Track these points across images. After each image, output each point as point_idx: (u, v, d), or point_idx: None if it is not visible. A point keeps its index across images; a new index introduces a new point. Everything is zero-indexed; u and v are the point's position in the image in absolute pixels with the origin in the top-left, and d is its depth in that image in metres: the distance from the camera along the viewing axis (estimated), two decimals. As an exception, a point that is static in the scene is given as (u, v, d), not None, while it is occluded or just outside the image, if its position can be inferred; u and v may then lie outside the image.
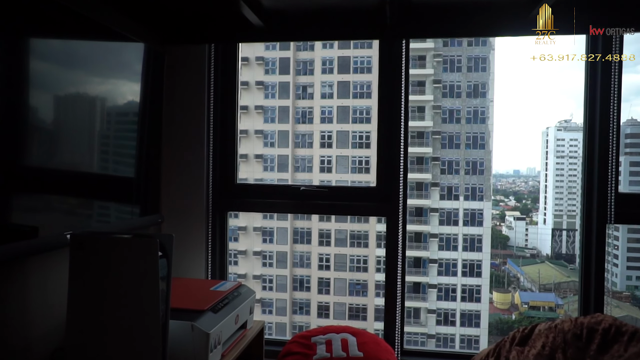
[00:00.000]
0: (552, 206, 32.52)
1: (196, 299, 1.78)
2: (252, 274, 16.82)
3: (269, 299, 16.45)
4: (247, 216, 17.39)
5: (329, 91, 15.38)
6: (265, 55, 17.13)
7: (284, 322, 16.07)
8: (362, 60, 15.30)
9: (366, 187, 2.30)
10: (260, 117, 16.01)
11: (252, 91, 15.07)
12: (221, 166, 2.45)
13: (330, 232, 17.99)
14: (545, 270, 32.90)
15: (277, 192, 2.39)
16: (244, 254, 16.37)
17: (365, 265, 18.33)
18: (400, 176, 2.25)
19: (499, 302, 31.60)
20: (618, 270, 24.32)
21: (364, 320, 17.95)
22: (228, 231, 2.53)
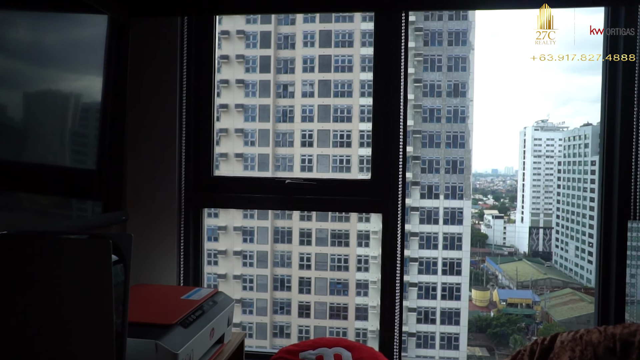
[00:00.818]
0: (529, 205, 33.10)
1: (163, 311, 1.53)
2: (233, 274, 16.68)
3: (250, 299, 16.34)
4: (227, 215, 17.27)
5: (310, 90, 15.33)
6: (246, 29, 16.96)
7: (265, 322, 15.99)
8: (344, 59, 15.31)
9: (360, 180, 2.09)
10: (241, 116, 15.90)
11: (233, 65, 14.91)
12: (196, 157, 2.20)
13: (311, 231, 17.96)
14: (523, 267, 33.42)
15: (259, 186, 2.18)
16: (224, 254, 16.23)
17: (346, 264, 18.36)
18: (399, 167, 2.04)
19: (477, 300, 32.03)
20: (592, 267, 25.00)
21: (345, 319, 18.01)
22: (204, 230, 2.28)
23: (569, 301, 32.37)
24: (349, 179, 2.02)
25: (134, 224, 2.10)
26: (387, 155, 2.05)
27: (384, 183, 2.06)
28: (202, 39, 2.15)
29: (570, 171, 33.27)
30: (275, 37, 16.30)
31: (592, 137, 30.65)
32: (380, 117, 2.10)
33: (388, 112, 2.08)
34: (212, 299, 1.71)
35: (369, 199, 2.07)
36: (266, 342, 16.53)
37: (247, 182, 2.19)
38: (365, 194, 2.07)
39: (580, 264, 33.25)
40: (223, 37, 15.03)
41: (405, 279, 17.13)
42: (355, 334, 18.38)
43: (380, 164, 2.07)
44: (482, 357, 29.95)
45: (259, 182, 2.19)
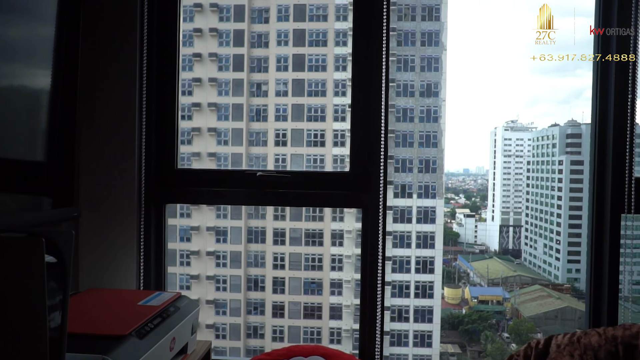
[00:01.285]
0: (499, 203, 33.90)
1: (116, 320, 1.37)
2: (206, 275, 16.49)
3: (223, 300, 16.18)
4: (200, 215, 17.06)
5: (284, 89, 15.27)
6: (219, 27, 16.78)
7: (238, 323, 15.85)
8: (318, 59, 15.30)
9: (338, 173, 1.96)
10: (214, 115, 15.73)
11: (206, 63, 14.72)
12: (158, 148, 2.02)
13: (285, 230, 17.90)
14: (493, 265, 34.18)
15: (228, 180, 2.03)
16: (197, 255, 16.03)
17: (320, 263, 18.37)
18: (380, 158, 1.90)
19: (450, 298, 32.57)
20: (560, 263, 25.56)
21: (319, 319, 18.01)
22: (167, 228, 2.08)
23: (538, 297, 33.22)
24: (325, 172, 1.92)
25: (88, 222, 1.95)
26: (367, 146, 1.93)
27: (363, 176, 1.95)
28: (165, 13, 2.00)
29: (538, 170, 34.15)
30: (248, 36, 16.16)
31: (560, 138, 31.64)
32: (360, 98, 1.96)
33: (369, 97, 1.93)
34: (174, 304, 1.56)
35: (347, 193, 1.96)
36: (240, 343, 16.40)
37: (215, 176, 2.06)
38: (343, 187, 1.97)
39: (548, 261, 34.17)
40: (196, 35, 14.82)
41: (379, 277, 16.73)
42: (329, 333, 18.43)
43: (359, 155, 1.94)
44: (454, 353, 30.45)
45: (228, 175, 2.05)
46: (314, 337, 18.52)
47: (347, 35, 14.53)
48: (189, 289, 18.41)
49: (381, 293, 1.93)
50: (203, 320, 15.02)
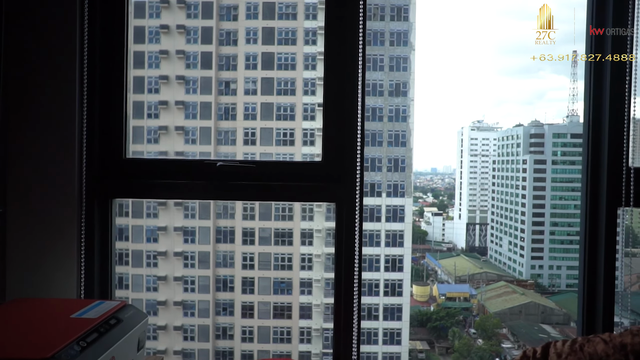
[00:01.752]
0: (466, 202, 34.67)
1: (39, 338, 1.11)
2: (174, 276, 16.22)
3: (191, 301, 15.94)
4: (167, 215, 16.73)
5: (253, 87, 15.14)
6: (187, 23, 16.50)
7: (207, 324, 15.65)
8: (287, 57, 15.22)
9: (309, 162, 1.79)
10: (181, 113, 15.46)
11: (173, 61, 14.44)
12: (103, 134, 1.72)
13: (254, 230, 17.75)
14: (461, 262, 34.96)
15: (185, 171, 1.75)
16: (164, 256, 15.74)
17: (289, 263, 18.28)
18: (357, 145, 1.67)
19: (418, 295, 33.12)
20: (524, 260, 26.17)
21: (289, 318, 17.91)
22: (114, 227, 1.79)
23: (503, 293, 34.10)
24: (295, 162, 1.71)
25: (17, 220, 1.65)
26: (342, 131, 1.70)
27: (337, 165, 1.71)
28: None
29: (503, 169, 35.10)
30: (217, 33, 15.98)
31: (524, 137, 32.60)
32: (334, 77, 1.72)
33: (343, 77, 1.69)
34: (115, 316, 1.27)
35: (319, 185, 1.72)
36: (209, 345, 16.19)
37: (170, 166, 1.78)
38: (315, 178, 1.73)
39: (513, 258, 35.15)
40: (162, 31, 14.55)
41: (348, 276, 16.76)
42: (299, 333, 18.36)
43: (333, 141, 1.71)
44: (423, 350, 30.88)
45: (184, 165, 1.78)
46: (284, 337, 18.41)
47: (317, 34, 14.52)
48: (156, 291, 18.06)
49: (358, 293, 1.77)
50: (171, 322, 14.81)
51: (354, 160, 1.74)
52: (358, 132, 1.74)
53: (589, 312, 1.79)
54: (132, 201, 18.00)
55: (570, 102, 50.97)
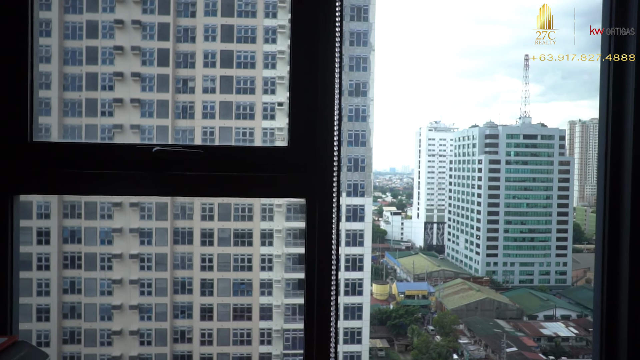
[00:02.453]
0: (424, 201, 35.62)
1: None
2: (129, 279, 15.75)
3: (148, 305, 15.53)
4: (122, 216, 16.21)
5: (211, 85, 14.87)
6: (143, 19, 15.97)
7: (165, 328, 15.29)
8: (246, 55, 15.04)
9: (272, 148, 1.38)
10: (137, 111, 15.00)
11: (128, 57, 14.04)
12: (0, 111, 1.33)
13: (213, 231, 17.45)
14: (419, 261, 35.73)
15: (110, 158, 1.35)
16: (120, 258, 15.27)
17: (249, 264, 18.09)
18: (334, 127, 1.34)
19: (378, 294, 33.61)
20: (479, 257, 27.11)
21: (249, 320, 17.72)
22: (16, 230, 1.34)
23: (460, 290, 35.14)
24: (254, 147, 1.29)
25: None
26: (314, 108, 1.35)
27: (309, 152, 1.35)
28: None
29: (460, 169, 36.29)
30: (174, 30, 15.65)
31: (479, 138, 33.84)
32: (303, 41, 1.38)
33: (315, 48, 1.37)
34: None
35: (286, 176, 1.36)
36: (166, 349, 15.76)
37: (90, 153, 1.36)
38: (280, 168, 1.36)
39: (469, 255, 36.25)
40: (117, 26, 14.12)
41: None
42: (260, 334, 18.17)
43: (303, 120, 1.34)
44: (383, 348, 31.31)
45: (111, 151, 1.36)
46: (244, 339, 18.18)
47: (277, 32, 14.43)
48: (111, 295, 17.42)
49: (335, 296, 1.52)
50: (126, 327, 14.34)
51: (331, 144, 1.33)
52: (335, 109, 1.33)
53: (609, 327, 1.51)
54: (85, 201, 17.38)
55: (523, 104, 51.28)
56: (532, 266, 72.73)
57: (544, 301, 58.15)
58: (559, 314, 53.62)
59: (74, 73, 19.46)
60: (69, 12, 17.76)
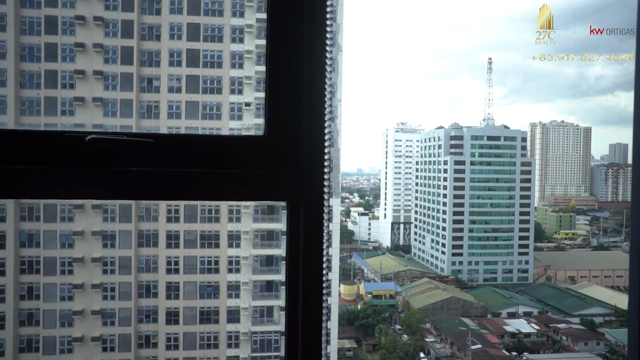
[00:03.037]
0: (391, 202, 36.53)
1: None
2: (91, 283, 15.30)
3: (111, 310, 15.12)
4: (84, 219, 15.74)
5: (177, 85, 14.59)
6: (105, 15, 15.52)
7: (129, 333, 14.90)
8: (213, 55, 14.83)
9: (244, 137, 1.09)
10: (100, 110, 14.57)
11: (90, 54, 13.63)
12: None
13: (179, 233, 17.13)
14: (386, 261, 36.20)
15: (31, 150, 1.01)
16: (81, 262, 14.80)
17: (216, 266, 17.85)
18: (324, 111, 1.06)
19: (345, 294, 33.69)
20: (445, 257, 27.74)
21: (216, 323, 17.48)
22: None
23: (426, 289, 35.61)
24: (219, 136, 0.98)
25: None
26: (297, 90, 1.07)
27: (290, 142, 1.06)
28: None
29: (426, 170, 37.17)
30: (138, 27, 15.29)
31: (444, 139, 34.71)
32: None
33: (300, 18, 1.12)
34: None
35: (261, 174, 1.06)
36: (130, 355, 15.34)
37: (8, 142, 1.02)
38: (254, 163, 1.06)
39: (435, 255, 37.08)
40: (78, 23, 13.68)
41: (277, 278, 17.33)
42: (227, 337, 17.95)
43: (284, 103, 1.05)
44: (351, 348, 31.35)
45: (31, 139, 1.02)
46: (211, 342, 17.93)
47: (244, 32, 14.28)
48: (72, 300, 16.89)
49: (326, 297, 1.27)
50: (88, 333, 13.90)
51: (320, 132, 1.03)
52: (326, 88, 1.05)
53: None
54: (44, 203, 16.77)
55: (487, 106, 52.91)
56: (495, 265, 74.63)
57: (507, 299, 59.72)
58: (521, 310, 55.17)
59: (32, 70, 18.77)
60: (25, 6, 17.12)
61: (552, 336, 48.78)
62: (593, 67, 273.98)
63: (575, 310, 54.99)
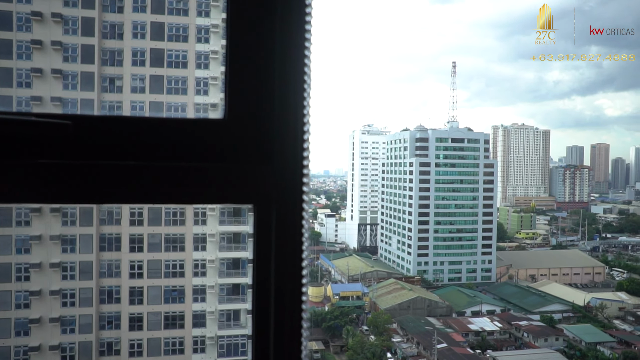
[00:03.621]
0: (358, 203, 37.95)
1: None
2: (49, 290, 14.78)
3: (71, 316, 14.66)
4: (41, 222, 15.22)
5: (141, 85, 14.32)
6: (64, 12, 15.21)
7: (90, 340, 14.47)
8: (178, 54, 14.64)
9: (193, 120, 0.79)
10: (58, 111, 14.18)
11: (48, 52, 13.19)
12: None
13: (142, 236, 16.82)
14: (353, 262, 37.46)
15: None
16: (38, 268, 14.29)
17: (182, 270, 17.61)
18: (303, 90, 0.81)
19: (313, 296, 34.61)
20: (411, 257, 28.67)
21: (182, 328, 17.23)
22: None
23: (393, 290, 36.68)
24: (159, 118, 0.77)
25: None
26: (266, 62, 0.83)
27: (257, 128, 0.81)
28: None
29: (392, 172, 38.75)
30: (99, 25, 14.92)
31: (410, 141, 36.20)
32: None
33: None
34: None
35: (218, 167, 0.81)
36: (91, 362, 14.87)
37: None
38: (210, 155, 0.81)
39: (401, 256, 38.58)
40: (35, 19, 13.23)
41: (243, 281, 17.37)
42: (193, 342, 17.71)
43: (250, 79, 0.81)
44: (318, 350, 31.88)
45: None
46: (177, 347, 17.66)
47: (210, 32, 14.09)
48: (28, 308, 16.35)
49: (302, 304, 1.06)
50: (46, 342, 13.43)
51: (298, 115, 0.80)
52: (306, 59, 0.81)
53: None
54: (-1, 208, 16.14)
55: (451, 109, 55.37)
56: (460, 264, 76.31)
57: (471, 297, 61.16)
58: (485, 309, 56.58)
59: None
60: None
61: (514, 333, 50.23)
62: (551, 72, 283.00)
63: (535, 308, 56.84)
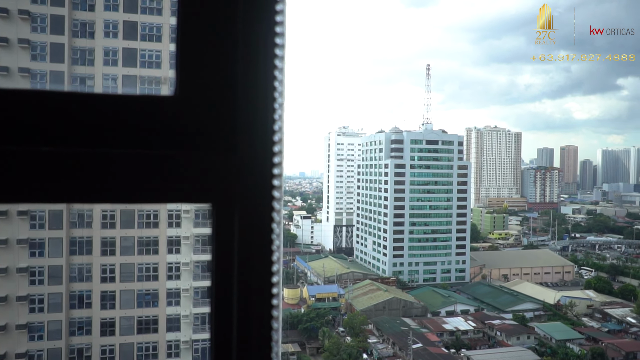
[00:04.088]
0: (333, 205, 38.31)
1: None
2: (16, 295, 14.34)
3: (39, 323, 14.27)
4: (8, 226, 14.82)
5: (113, 85, 14.09)
6: (32, 9, 14.89)
7: (59, 347, 14.11)
8: (151, 54, 14.47)
9: (136, 97, 0.59)
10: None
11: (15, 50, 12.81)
12: None
13: (115, 239, 16.52)
14: (329, 263, 37.74)
15: None
16: (5, 273, 13.85)
17: (155, 273, 17.36)
18: (273, 66, 0.65)
19: (289, 298, 34.66)
20: (386, 258, 29.00)
21: (155, 332, 16.99)
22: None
23: (369, 291, 37.05)
24: (93, 94, 0.56)
25: None
26: (229, 32, 0.65)
27: (217, 108, 0.64)
28: None
29: (367, 173, 39.33)
30: (69, 23, 14.62)
31: (385, 143, 36.76)
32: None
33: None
34: None
35: (169, 156, 0.62)
36: (61, 369, 14.52)
37: None
38: (156, 140, 0.62)
39: (377, 257, 39.09)
40: (1, 15, 12.83)
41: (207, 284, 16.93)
42: (167, 347, 17.47)
43: (208, 50, 0.64)
44: (294, 352, 31.78)
45: None
46: (150, 352, 17.37)
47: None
48: (-6, 313, 15.75)
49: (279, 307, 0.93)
50: (12, 349, 13.03)
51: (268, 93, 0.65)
52: (277, 29, 0.66)
53: None
54: (-37, 211, 15.67)
55: (425, 111, 56.31)
56: (434, 265, 77.18)
57: (445, 297, 61.99)
58: (459, 309, 57.39)
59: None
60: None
61: (487, 332, 51.13)
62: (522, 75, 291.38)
63: (508, 307, 58.02)
